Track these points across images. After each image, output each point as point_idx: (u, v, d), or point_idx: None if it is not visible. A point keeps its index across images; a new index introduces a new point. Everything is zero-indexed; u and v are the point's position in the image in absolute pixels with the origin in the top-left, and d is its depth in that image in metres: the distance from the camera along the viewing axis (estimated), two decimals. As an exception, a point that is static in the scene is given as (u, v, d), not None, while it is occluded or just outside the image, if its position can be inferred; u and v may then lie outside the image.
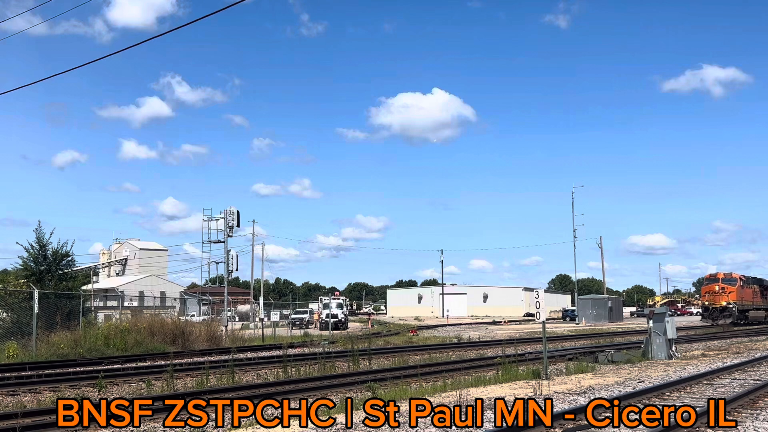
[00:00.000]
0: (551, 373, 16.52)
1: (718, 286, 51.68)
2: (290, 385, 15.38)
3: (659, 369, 18.28)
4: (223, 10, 14.62)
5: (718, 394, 12.88)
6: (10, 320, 27.12)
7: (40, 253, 29.32)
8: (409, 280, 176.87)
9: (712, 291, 52.34)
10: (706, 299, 53.39)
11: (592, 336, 38.19)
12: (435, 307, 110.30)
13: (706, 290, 54.49)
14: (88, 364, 21.21)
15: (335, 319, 50.12)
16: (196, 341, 28.67)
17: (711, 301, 52.22)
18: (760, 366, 18.75)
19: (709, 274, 55.34)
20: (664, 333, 21.91)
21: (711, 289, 52.81)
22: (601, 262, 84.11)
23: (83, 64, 60.55)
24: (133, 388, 15.93)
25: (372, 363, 20.87)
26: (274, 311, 62.49)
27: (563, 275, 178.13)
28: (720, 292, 51.42)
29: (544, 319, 17.11)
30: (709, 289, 53.14)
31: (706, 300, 53.34)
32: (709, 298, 52.86)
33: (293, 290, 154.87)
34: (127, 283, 78.39)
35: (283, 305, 76.58)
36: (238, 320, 61.50)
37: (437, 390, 13.90)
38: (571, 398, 12.58)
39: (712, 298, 52.25)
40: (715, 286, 52.01)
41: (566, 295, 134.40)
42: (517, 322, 75.17)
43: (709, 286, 53.37)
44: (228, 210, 39.41)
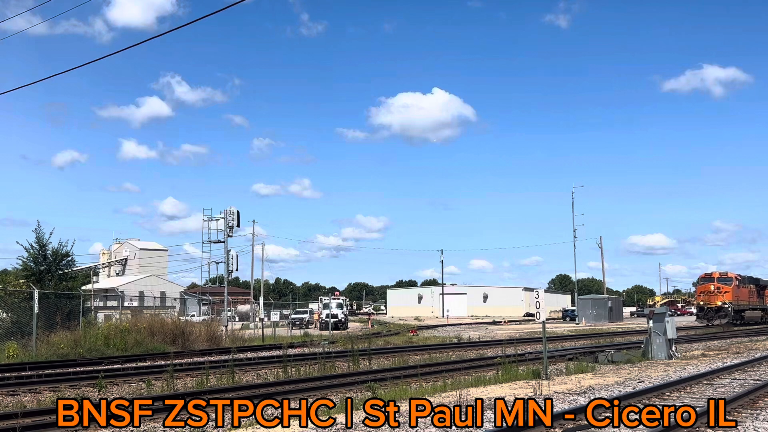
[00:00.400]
0: (551, 373, 16.52)
1: (714, 285, 50.57)
2: (290, 385, 15.38)
3: (659, 369, 18.28)
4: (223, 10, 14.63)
5: (718, 394, 12.88)
6: (10, 320, 27.12)
7: (40, 253, 29.32)
8: (409, 280, 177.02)
9: (708, 291, 51.19)
10: (702, 299, 52.21)
11: (592, 336, 38.19)
12: (435, 307, 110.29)
13: (701, 290, 53.26)
14: (88, 364, 21.21)
15: (335, 319, 50.11)
16: (196, 341, 28.67)
17: (706, 301, 51.01)
18: (760, 366, 18.75)
19: (705, 274, 53.95)
20: (664, 333, 21.90)
21: (706, 288, 51.60)
22: (601, 262, 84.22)
23: (83, 64, 60.61)
24: (133, 388, 15.93)
25: (372, 363, 20.87)
26: (274, 311, 62.48)
27: (563, 275, 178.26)
28: (715, 291, 50.31)
29: (544, 319, 17.11)
30: (705, 289, 51.98)
31: (702, 300, 52.14)
32: (704, 298, 51.69)
33: (293, 290, 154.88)
34: (127, 283, 78.36)
35: (283, 305, 76.58)
36: (238, 320, 61.50)
37: (437, 390, 13.90)
38: (571, 398, 12.58)
39: (707, 298, 51.09)
40: (711, 285, 50.89)
41: (566, 295, 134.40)
42: (517, 322, 75.16)
43: (705, 285, 52.21)
44: (228, 210, 39.44)
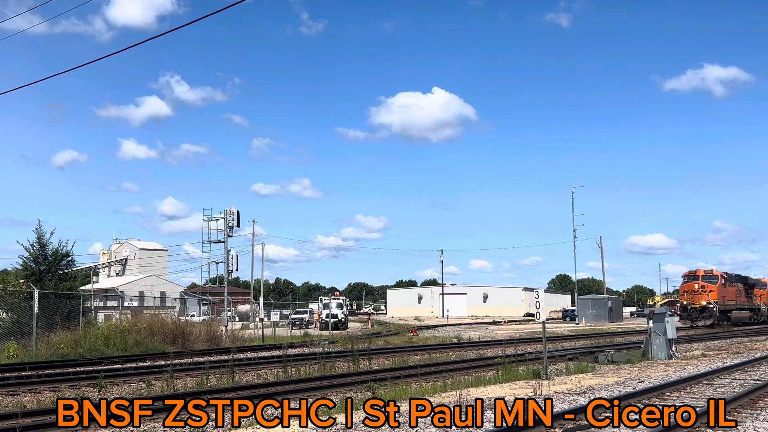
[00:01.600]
0: (551, 373, 16.52)
1: (698, 284, 47.72)
2: (290, 385, 15.38)
3: (659, 369, 18.28)
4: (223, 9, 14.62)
5: (718, 394, 12.88)
6: (10, 320, 27.12)
7: (40, 253, 29.32)
8: (409, 280, 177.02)
9: (692, 290, 48.09)
10: (685, 299, 48.74)
11: (592, 336, 38.18)
12: (435, 307, 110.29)
13: (684, 289, 49.84)
14: (88, 364, 21.20)
15: (335, 319, 50.10)
16: (196, 341, 28.67)
17: (690, 301, 47.69)
18: (760, 366, 18.75)
19: (689, 271, 50.22)
20: (664, 333, 21.90)
21: (690, 287, 48.44)
22: (601, 262, 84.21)
23: (82, 65, 60.65)
24: (133, 388, 15.93)
25: (372, 363, 20.86)
26: (274, 311, 62.49)
27: (563, 275, 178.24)
28: (699, 290, 47.41)
29: (544, 319, 17.12)
30: (688, 288, 48.78)
31: (685, 299, 48.56)
32: (688, 297, 48.35)
33: (293, 290, 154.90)
34: (127, 283, 78.34)
35: (283, 305, 76.60)
36: (238, 320, 61.49)
37: (437, 390, 13.90)
38: (571, 398, 12.58)
39: (690, 297, 47.94)
40: (695, 284, 47.94)
41: (566, 295, 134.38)
42: (517, 322, 75.15)
43: (689, 284, 48.97)
44: (228, 210, 39.43)
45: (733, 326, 47.84)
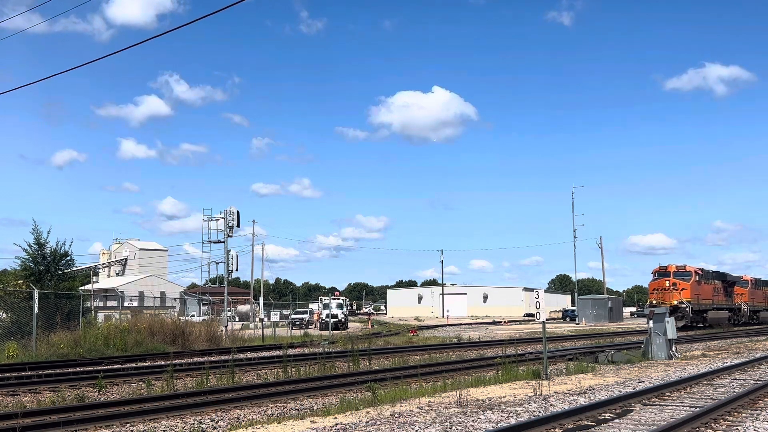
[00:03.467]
0: (551, 373, 16.52)
1: (669, 281, 43.12)
2: (290, 385, 15.38)
3: (659, 369, 18.28)
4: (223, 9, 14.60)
5: (718, 395, 12.88)
6: (9, 320, 27.11)
7: (38, 253, 29.29)
8: (409, 280, 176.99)
9: (662, 288, 43.33)
10: (654, 297, 43.41)
11: (592, 336, 38.17)
12: (435, 307, 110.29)
13: (654, 287, 44.49)
14: (88, 364, 21.20)
15: (335, 320, 50.08)
16: (196, 341, 28.67)
17: (660, 300, 42.14)
18: (760, 366, 18.76)
19: (659, 267, 44.95)
20: (664, 333, 21.90)
21: (660, 285, 43.67)
22: (601, 262, 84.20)
23: (82, 64, 60.68)
24: (133, 389, 15.93)
25: (372, 363, 20.86)
26: (274, 311, 62.42)
27: (563, 275, 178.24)
28: (671, 288, 42.78)
29: (544, 320, 17.10)
30: (658, 285, 43.87)
31: (654, 298, 43.25)
32: (657, 296, 43.26)
33: (293, 290, 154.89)
34: (127, 283, 78.35)
35: (283, 305, 76.55)
36: (238, 320, 61.48)
37: (437, 390, 13.90)
38: (571, 398, 12.58)
39: (660, 296, 42.94)
40: (665, 281, 43.28)
41: (566, 295, 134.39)
42: (517, 322, 75.15)
43: (658, 281, 44.10)
44: (228, 210, 39.43)
45: (710, 328, 44.27)
